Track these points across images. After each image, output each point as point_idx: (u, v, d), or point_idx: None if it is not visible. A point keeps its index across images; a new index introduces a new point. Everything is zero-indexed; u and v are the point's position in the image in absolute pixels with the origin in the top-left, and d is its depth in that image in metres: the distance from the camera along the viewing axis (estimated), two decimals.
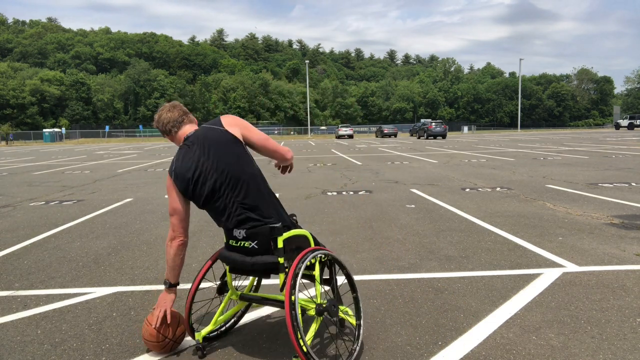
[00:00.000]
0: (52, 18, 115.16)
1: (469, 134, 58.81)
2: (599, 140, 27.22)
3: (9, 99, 71.64)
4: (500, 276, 3.58)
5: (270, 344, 2.58)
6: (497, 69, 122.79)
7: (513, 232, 4.97)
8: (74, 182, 10.76)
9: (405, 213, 6.19)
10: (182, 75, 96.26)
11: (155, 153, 24.02)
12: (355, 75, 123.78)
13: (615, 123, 58.38)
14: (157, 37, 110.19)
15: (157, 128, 2.52)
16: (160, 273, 3.85)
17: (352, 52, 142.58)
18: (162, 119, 2.48)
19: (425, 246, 4.50)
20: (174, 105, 2.54)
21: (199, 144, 2.34)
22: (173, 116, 2.49)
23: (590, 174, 10.09)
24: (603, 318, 2.79)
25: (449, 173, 11.02)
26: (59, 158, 21.07)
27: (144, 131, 69.34)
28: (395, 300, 3.15)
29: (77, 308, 3.15)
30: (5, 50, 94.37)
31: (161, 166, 15.23)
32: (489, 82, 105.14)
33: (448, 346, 2.50)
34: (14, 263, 4.26)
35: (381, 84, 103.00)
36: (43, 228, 5.74)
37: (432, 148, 22.88)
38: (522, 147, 21.34)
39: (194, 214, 2.80)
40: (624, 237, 4.64)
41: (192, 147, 2.37)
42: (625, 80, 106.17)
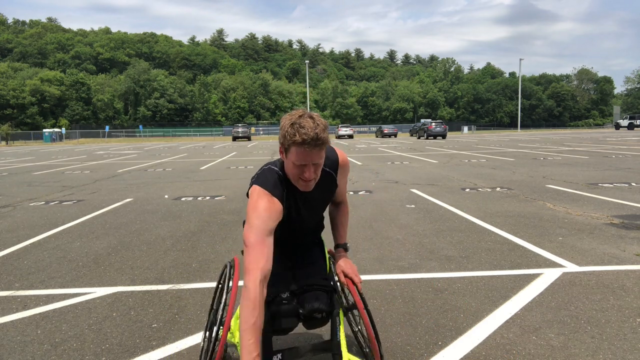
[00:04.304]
0: (52, 18, 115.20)
1: (469, 134, 58.80)
2: (599, 140, 27.21)
3: (9, 99, 71.63)
4: (500, 276, 3.58)
5: None
6: (497, 69, 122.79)
7: (513, 232, 4.97)
8: (74, 182, 10.76)
9: (405, 213, 6.19)
10: (182, 75, 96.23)
11: (155, 153, 24.01)
12: (355, 75, 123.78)
13: (615, 123, 58.38)
14: (157, 37, 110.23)
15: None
16: (160, 273, 3.86)
17: (352, 52, 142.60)
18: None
19: (425, 246, 4.50)
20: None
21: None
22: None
23: (590, 174, 10.09)
24: (603, 318, 2.79)
25: (449, 173, 11.02)
26: (59, 158, 21.07)
27: (144, 131, 69.34)
28: (395, 300, 3.15)
29: (77, 308, 3.15)
30: (5, 50, 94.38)
31: (161, 166, 15.23)
32: (489, 82, 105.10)
33: (448, 346, 2.50)
34: (14, 263, 4.26)
35: (381, 84, 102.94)
36: (43, 228, 5.74)
37: (432, 148, 22.87)
38: (522, 147, 21.34)
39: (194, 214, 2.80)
40: (624, 237, 4.64)
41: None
42: (625, 80, 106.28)
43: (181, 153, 23.48)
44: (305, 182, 1.78)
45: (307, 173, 1.74)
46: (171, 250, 4.56)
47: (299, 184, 1.80)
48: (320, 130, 1.69)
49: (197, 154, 22.76)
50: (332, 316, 1.87)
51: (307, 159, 1.71)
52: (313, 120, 1.70)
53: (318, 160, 1.74)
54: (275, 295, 1.79)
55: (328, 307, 1.83)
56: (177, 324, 2.86)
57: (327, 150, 1.91)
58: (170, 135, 72.74)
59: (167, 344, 2.60)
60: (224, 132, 71.47)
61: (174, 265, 4.05)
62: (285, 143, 1.73)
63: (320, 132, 1.69)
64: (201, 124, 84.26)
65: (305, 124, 1.68)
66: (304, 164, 1.72)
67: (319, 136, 1.67)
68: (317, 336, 2.61)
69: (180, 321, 2.90)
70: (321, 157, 1.75)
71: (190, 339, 2.65)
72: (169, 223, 5.88)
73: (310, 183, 1.80)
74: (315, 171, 1.77)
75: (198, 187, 9.39)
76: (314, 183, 1.81)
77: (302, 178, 1.77)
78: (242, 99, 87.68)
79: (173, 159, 18.71)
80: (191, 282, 3.60)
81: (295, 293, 1.86)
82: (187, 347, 2.57)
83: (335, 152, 1.98)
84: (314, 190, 1.88)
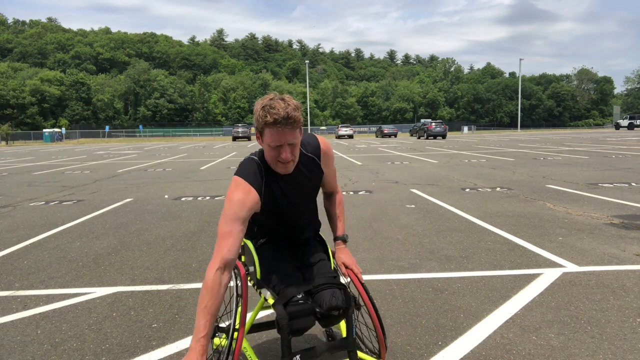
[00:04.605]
0: (52, 18, 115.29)
1: (469, 134, 58.79)
2: (599, 140, 27.21)
3: (9, 99, 71.63)
4: (500, 276, 3.58)
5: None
6: (497, 69, 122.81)
7: (513, 232, 4.97)
8: (74, 182, 10.76)
9: (405, 213, 6.19)
10: (182, 75, 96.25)
11: (155, 153, 24.01)
12: (355, 75, 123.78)
13: (615, 123, 58.35)
14: (157, 37, 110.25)
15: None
16: (160, 273, 3.86)
17: (352, 52, 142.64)
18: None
19: (425, 246, 4.50)
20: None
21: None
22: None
23: (590, 174, 10.09)
24: (603, 318, 2.79)
25: (449, 173, 11.02)
26: (59, 158, 21.07)
27: (144, 131, 69.34)
28: (395, 300, 3.15)
29: (77, 308, 3.15)
30: (5, 50, 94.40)
31: (161, 166, 15.23)
32: (489, 82, 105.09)
33: (448, 346, 2.50)
34: (14, 263, 4.26)
35: (381, 84, 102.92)
36: (43, 228, 5.74)
37: (432, 148, 22.87)
38: (522, 147, 21.34)
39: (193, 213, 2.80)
40: (624, 237, 4.64)
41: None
42: (625, 80, 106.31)
43: (181, 153, 23.48)
44: (283, 164, 1.80)
45: (283, 154, 1.76)
46: (171, 250, 4.56)
47: (278, 167, 1.82)
48: (291, 109, 1.71)
49: (197, 154, 22.76)
50: (347, 313, 1.87)
51: (281, 139, 1.73)
52: (284, 101, 1.73)
53: (292, 140, 1.75)
54: (290, 297, 1.80)
55: (344, 304, 1.84)
56: (177, 324, 2.86)
57: (308, 137, 1.98)
58: (170, 135, 72.74)
59: (167, 344, 2.60)
60: (224, 132, 71.44)
61: (174, 265, 4.05)
62: (259, 126, 1.76)
63: (291, 111, 1.71)
64: (201, 124, 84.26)
65: (276, 104, 1.71)
66: (279, 144, 1.74)
67: (290, 115, 1.70)
68: (314, 337, 2.61)
69: (180, 321, 2.90)
70: (295, 137, 1.76)
71: (190, 339, 2.64)
72: (169, 223, 5.88)
73: (289, 165, 1.81)
74: (292, 152, 1.78)
75: (198, 187, 9.39)
76: (293, 165, 1.84)
77: (279, 160, 1.78)
78: (242, 99, 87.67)
79: (173, 159, 18.71)
80: (191, 282, 3.60)
81: (309, 292, 1.86)
82: (187, 347, 2.56)
83: (317, 139, 2.01)
84: (298, 175, 1.91)
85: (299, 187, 1.97)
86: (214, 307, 1.66)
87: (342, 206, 2.25)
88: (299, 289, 1.84)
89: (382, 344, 2.01)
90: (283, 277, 1.90)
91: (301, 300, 1.80)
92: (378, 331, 1.99)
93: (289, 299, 1.79)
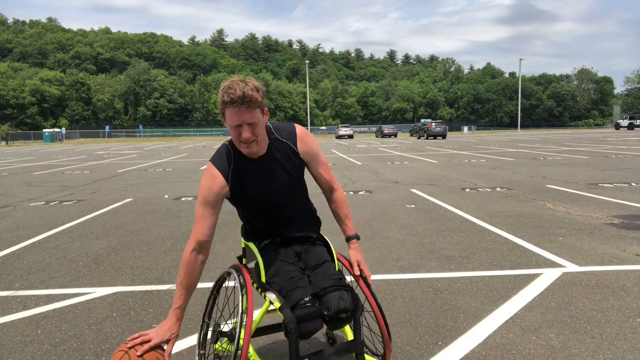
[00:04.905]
0: (52, 18, 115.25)
1: (469, 134, 58.80)
2: (599, 140, 27.21)
3: (9, 99, 71.64)
4: (500, 276, 3.58)
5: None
6: (497, 69, 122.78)
7: (513, 232, 4.97)
8: (74, 182, 10.76)
9: (405, 213, 6.19)
10: (182, 75, 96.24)
11: (155, 153, 24.01)
12: (355, 76, 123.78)
13: (615, 123, 58.32)
14: (157, 37, 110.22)
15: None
16: (160, 273, 3.86)
17: (352, 52, 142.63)
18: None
19: (425, 246, 4.50)
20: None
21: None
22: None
23: (590, 174, 10.09)
24: (603, 318, 2.79)
25: (449, 173, 11.02)
26: (59, 158, 21.07)
27: (144, 131, 69.35)
28: (395, 300, 3.15)
29: (77, 308, 3.15)
30: (5, 50, 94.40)
31: (161, 166, 15.23)
32: (489, 82, 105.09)
33: (448, 346, 2.50)
34: (14, 263, 4.26)
35: (381, 84, 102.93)
36: (43, 228, 5.74)
37: (432, 148, 22.87)
38: (522, 147, 21.34)
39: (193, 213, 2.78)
40: (624, 237, 4.64)
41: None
42: (625, 80, 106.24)
43: (181, 153, 23.48)
44: (246, 144, 1.82)
45: (244, 133, 1.78)
46: (171, 250, 4.56)
47: (242, 147, 1.85)
48: (248, 89, 1.74)
49: (197, 154, 22.76)
50: (355, 315, 1.84)
51: (239, 118, 1.76)
52: (243, 82, 1.77)
53: (251, 119, 1.78)
54: (297, 300, 1.76)
55: (352, 306, 1.81)
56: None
57: (285, 124, 2.00)
58: (170, 135, 72.75)
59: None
60: (224, 132, 71.42)
61: (174, 265, 4.05)
62: (220, 109, 1.81)
63: (249, 90, 1.74)
64: (201, 124, 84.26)
65: (234, 85, 1.75)
66: (238, 124, 1.77)
67: (246, 94, 1.72)
68: (315, 339, 2.61)
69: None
70: (254, 116, 1.78)
71: (191, 339, 2.64)
72: (169, 223, 5.88)
73: (252, 146, 1.83)
74: (252, 132, 1.80)
75: (198, 187, 9.38)
76: (257, 146, 1.85)
77: (242, 140, 1.81)
78: None
79: (173, 159, 18.71)
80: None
81: (316, 295, 1.83)
82: (187, 347, 2.57)
83: (293, 126, 2.02)
84: (271, 161, 1.92)
85: (273, 174, 1.96)
86: (189, 283, 1.88)
87: (347, 204, 2.20)
88: (306, 292, 1.80)
89: (388, 346, 1.98)
90: (289, 279, 1.87)
91: (308, 303, 1.77)
92: (384, 333, 1.96)
93: (296, 302, 1.76)
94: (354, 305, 1.82)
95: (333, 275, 1.93)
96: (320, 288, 1.84)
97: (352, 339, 1.93)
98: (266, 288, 1.94)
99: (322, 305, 1.80)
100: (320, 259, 2.02)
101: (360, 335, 1.88)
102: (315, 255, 2.05)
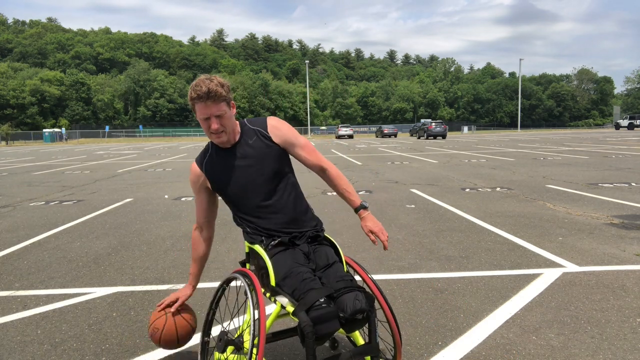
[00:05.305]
0: (52, 18, 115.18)
1: (469, 134, 58.79)
2: (599, 140, 27.21)
3: (9, 99, 71.59)
4: (500, 276, 3.58)
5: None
6: (497, 69, 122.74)
7: (513, 232, 4.97)
8: (74, 182, 10.76)
9: (405, 213, 6.19)
10: (182, 75, 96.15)
11: (155, 153, 24.01)
12: (355, 76, 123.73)
13: (615, 123, 58.33)
14: (157, 37, 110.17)
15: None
16: (160, 273, 3.85)
17: (352, 52, 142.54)
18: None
19: (425, 246, 4.50)
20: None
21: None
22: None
23: (590, 174, 10.09)
24: (603, 318, 2.79)
25: (449, 173, 11.02)
26: (59, 158, 21.07)
27: (144, 131, 69.34)
28: (395, 300, 3.15)
29: (77, 308, 3.15)
30: (5, 50, 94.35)
31: (161, 166, 15.23)
32: (489, 82, 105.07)
33: (448, 346, 2.50)
34: (14, 263, 4.26)
35: (381, 84, 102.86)
36: (43, 228, 5.74)
37: (432, 148, 22.87)
38: (522, 147, 21.34)
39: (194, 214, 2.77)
40: (624, 237, 4.64)
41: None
42: (625, 80, 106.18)
43: (181, 153, 23.48)
44: (216, 135, 1.97)
45: (212, 125, 1.93)
46: (171, 250, 4.56)
47: (213, 138, 2.00)
48: (213, 85, 1.89)
49: (197, 154, 22.61)
50: (371, 316, 1.81)
51: (206, 111, 1.91)
52: (209, 80, 1.93)
53: (218, 112, 1.92)
54: (313, 302, 1.71)
55: (368, 307, 1.77)
56: None
57: (259, 118, 2.14)
58: (170, 135, 72.74)
59: None
60: None
61: (174, 265, 4.05)
62: (191, 105, 1.97)
63: (214, 86, 1.89)
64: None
65: (200, 82, 1.91)
66: (206, 117, 1.93)
67: (211, 89, 1.88)
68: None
69: None
70: (220, 109, 1.92)
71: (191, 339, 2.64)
72: (169, 223, 5.88)
73: (222, 136, 1.97)
74: (220, 123, 1.94)
75: None
76: (226, 135, 1.98)
77: (212, 132, 1.96)
78: (242, 99, 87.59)
79: (173, 159, 18.71)
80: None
81: (330, 297, 1.78)
82: (187, 346, 2.57)
83: (266, 117, 2.14)
84: (243, 146, 2.03)
85: (246, 157, 2.03)
86: (197, 256, 2.24)
87: (344, 178, 2.16)
88: (321, 294, 1.75)
89: (399, 347, 1.94)
90: (302, 281, 1.80)
91: (324, 304, 1.72)
92: (395, 335, 1.92)
93: (312, 305, 1.70)
94: (369, 306, 1.78)
95: (344, 276, 1.90)
96: (334, 289, 1.79)
97: (367, 342, 1.89)
98: (277, 292, 1.88)
99: (337, 307, 1.75)
100: (330, 260, 1.99)
101: (375, 338, 1.84)
102: (324, 256, 2.01)
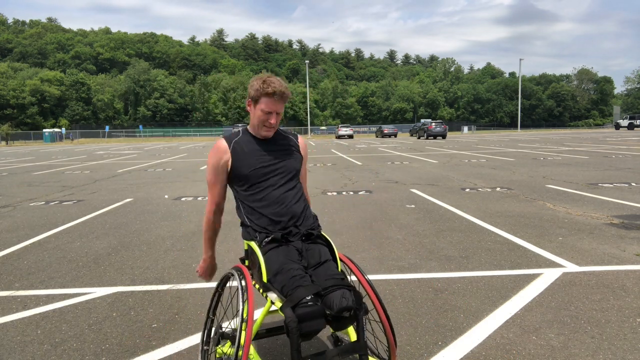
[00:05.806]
0: (52, 18, 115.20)
1: (469, 134, 58.80)
2: (599, 140, 27.21)
3: (9, 99, 71.62)
4: (500, 276, 3.58)
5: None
6: (497, 69, 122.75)
7: (513, 232, 4.97)
8: (74, 182, 10.76)
9: (405, 213, 6.19)
10: (182, 75, 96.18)
11: (155, 153, 24.02)
12: (355, 76, 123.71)
13: (615, 123, 58.32)
14: (157, 37, 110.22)
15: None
16: (160, 273, 3.86)
17: (352, 52, 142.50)
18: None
19: (425, 246, 4.50)
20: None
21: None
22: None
23: (590, 174, 10.09)
24: (603, 318, 2.79)
25: (449, 173, 11.02)
26: (59, 158, 21.07)
27: (144, 131, 69.34)
28: (395, 300, 3.15)
29: (77, 308, 3.15)
30: (5, 50, 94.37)
31: (161, 166, 15.23)
32: (489, 82, 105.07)
33: (448, 346, 2.50)
34: (14, 263, 4.26)
35: (381, 84, 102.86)
36: (43, 228, 5.74)
37: (432, 148, 22.87)
38: (522, 147, 21.34)
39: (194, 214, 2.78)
40: (624, 237, 4.64)
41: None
42: (625, 80, 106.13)
43: (181, 153, 23.48)
44: (268, 128, 2.18)
45: (272, 119, 2.16)
46: (171, 250, 4.56)
47: (263, 130, 2.19)
48: (284, 87, 2.17)
49: (197, 154, 22.76)
50: (358, 315, 1.82)
51: (273, 107, 2.14)
52: (280, 81, 2.18)
53: (280, 110, 2.18)
54: (299, 299, 1.74)
55: (355, 305, 1.79)
56: (177, 324, 2.86)
57: (292, 134, 2.38)
58: (170, 135, 72.75)
59: (167, 344, 2.60)
60: (224, 132, 71.38)
61: (174, 265, 4.05)
62: (255, 96, 2.15)
63: (285, 89, 2.16)
64: (201, 124, 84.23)
65: (275, 80, 2.16)
66: (271, 111, 2.14)
67: (284, 91, 2.15)
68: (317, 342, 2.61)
69: (180, 321, 2.90)
70: (282, 109, 2.20)
71: (190, 339, 2.65)
72: (169, 223, 5.88)
73: (271, 131, 2.21)
74: (277, 120, 2.18)
75: (198, 187, 9.39)
76: (274, 131, 2.23)
77: (266, 125, 2.17)
78: (242, 99, 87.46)
79: (173, 159, 18.71)
80: (191, 282, 3.60)
81: (318, 294, 1.80)
82: (187, 347, 2.57)
83: (298, 136, 2.41)
84: (272, 143, 2.23)
85: (278, 154, 2.22)
86: (211, 234, 2.32)
87: (308, 200, 2.37)
88: (308, 291, 1.78)
89: (393, 348, 1.95)
90: (291, 278, 1.84)
91: (310, 302, 1.75)
92: (389, 337, 1.93)
93: (298, 302, 1.74)
94: (356, 304, 1.79)
95: (335, 274, 1.92)
96: (322, 287, 1.82)
97: (355, 340, 1.91)
98: (268, 288, 1.92)
99: (325, 304, 1.78)
100: (322, 258, 2.01)
101: (363, 336, 1.86)
102: (316, 254, 2.04)
